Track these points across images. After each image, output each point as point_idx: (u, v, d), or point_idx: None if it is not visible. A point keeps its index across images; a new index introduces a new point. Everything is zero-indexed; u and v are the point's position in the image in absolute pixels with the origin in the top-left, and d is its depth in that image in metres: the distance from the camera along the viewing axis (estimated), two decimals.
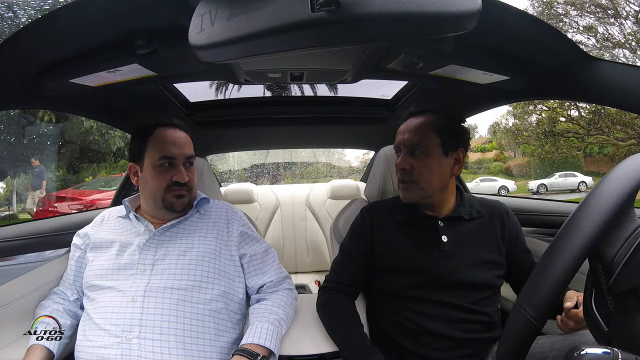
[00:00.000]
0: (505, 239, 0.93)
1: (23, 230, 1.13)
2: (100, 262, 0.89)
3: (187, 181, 0.92)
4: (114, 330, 0.78)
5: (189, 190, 0.93)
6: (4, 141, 8.54)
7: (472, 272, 0.86)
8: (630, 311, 0.42)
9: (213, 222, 0.97)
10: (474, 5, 0.48)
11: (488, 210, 0.95)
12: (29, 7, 6.63)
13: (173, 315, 0.80)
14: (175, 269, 0.86)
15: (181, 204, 0.93)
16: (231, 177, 5.89)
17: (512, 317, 0.46)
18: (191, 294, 0.84)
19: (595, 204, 0.44)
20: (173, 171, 0.91)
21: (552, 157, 12.80)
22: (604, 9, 10.05)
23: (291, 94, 1.53)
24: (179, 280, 0.84)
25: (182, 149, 0.93)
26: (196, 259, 0.87)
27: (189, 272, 0.85)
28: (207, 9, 0.50)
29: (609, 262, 0.43)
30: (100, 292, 0.85)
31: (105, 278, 0.86)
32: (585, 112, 11.45)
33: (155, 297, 0.81)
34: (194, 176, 0.96)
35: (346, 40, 0.50)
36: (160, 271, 0.85)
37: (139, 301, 0.81)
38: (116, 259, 0.88)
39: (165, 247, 0.89)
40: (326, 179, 5.80)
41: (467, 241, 0.89)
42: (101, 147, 9.66)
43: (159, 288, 0.83)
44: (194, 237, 0.92)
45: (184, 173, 0.91)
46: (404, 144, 0.92)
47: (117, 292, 0.83)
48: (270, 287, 0.95)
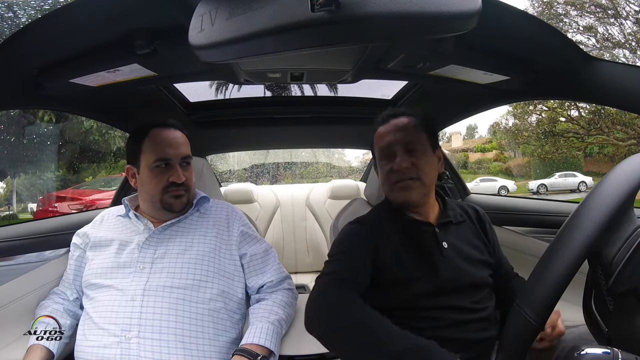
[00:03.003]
0: (489, 240, 0.95)
1: (23, 230, 1.13)
2: (99, 260, 0.89)
3: (185, 181, 0.91)
4: (113, 329, 0.78)
5: (187, 189, 0.93)
6: (4, 141, 8.54)
7: (472, 273, 0.87)
8: (630, 311, 0.42)
9: (213, 221, 0.96)
10: (474, 5, 0.48)
11: (467, 213, 0.97)
12: (29, 7, 6.62)
13: (172, 314, 0.80)
14: (175, 267, 0.85)
15: (180, 204, 0.92)
16: (231, 177, 5.89)
17: (512, 318, 0.46)
18: (190, 292, 0.83)
19: (595, 204, 0.44)
20: (169, 172, 0.90)
21: (552, 157, 12.81)
22: (604, 9, 10.05)
23: (291, 94, 1.53)
24: (179, 279, 0.84)
25: (178, 149, 0.92)
26: (195, 258, 0.87)
27: (188, 271, 0.85)
28: (207, 9, 0.50)
29: (609, 263, 0.43)
30: (100, 290, 0.85)
31: (104, 276, 0.86)
32: (585, 112, 11.46)
33: (154, 296, 0.81)
34: (191, 175, 0.95)
35: (346, 40, 0.50)
36: (160, 269, 0.85)
37: (138, 300, 0.81)
38: (115, 257, 0.88)
39: (165, 246, 0.89)
40: (326, 179, 5.79)
41: (462, 244, 0.90)
42: (101, 147, 9.66)
43: (158, 287, 0.82)
44: (194, 236, 0.91)
45: (181, 173, 0.91)
46: (398, 143, 0.89)
47: (116, 291, 0.83)
48: (271, 287, 0.95)
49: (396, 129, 0.90)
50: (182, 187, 0.91)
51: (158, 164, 0.90)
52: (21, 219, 8.66)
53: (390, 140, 0.90)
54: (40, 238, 1.13)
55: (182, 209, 0.94)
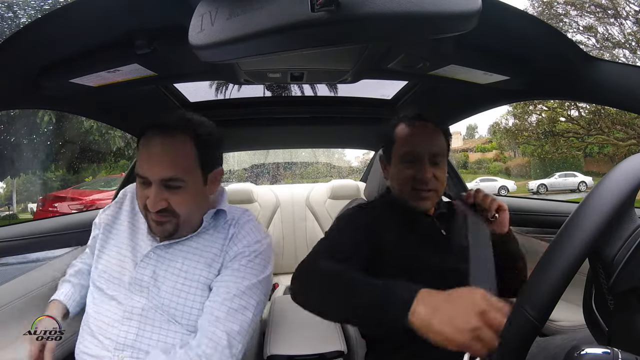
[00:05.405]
0: None
1: (23, 230, 1.13)
2: (106, 260, 0.83)
3: (167, 207, 0.73)
4: (106, 344, 0.74)
5: (173, 215, 0.75)
6: (4, 141, 8.54)
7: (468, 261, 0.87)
8: (630, 311, 0.42)
9: (222, 241, 0.81)
10: (474, 5, 0.48)
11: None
12: (29, 7, 6.63)
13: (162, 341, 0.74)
14: (172, 294, 0.76)
15: (162, 232, 0.76)
16: (231, 177, 5.89)
17: (512, 317, 0.46)
18: (181, 321, 0.76)
19: (595, 204, 0.44)
20: (148, 192, 0.73)
21: (552, 157, 12.83)
22: (604, 9, 10.05)
23: (291, 94, 1.53)
24: (174, 308, 0.76)
25: (154, 169, 0.73)
26: (196, 288, 0.77)
27: (185, 302, 0.76)
28: (207, 9, 0.50)
29: (609, 262, 0.43)
30: (102, 296, 0.81)
31: (108, 283, 0.81)
32: (585, 112, 11.47)
33: (152, 319, 0.75)
34: (182, 199, 0.74)
35: (346, 40, 0.50)
36: (157, 291, 0.76)
37: (135, 320, 0.75)
38: (121, 261, 0.81)
39: (167, 265, 0.78)
40: (326, 179, 5.80)
41: (455, 233, 0.91)
42: (101, 147, 9.66)
43: (157, 309, 0.76)
44: (198, 262, 0.78)
45: (155, 199, 0.72)
46: (425, 153, 0.87)
47: (117, 304, 0.77)
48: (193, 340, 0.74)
49: (425, 135, 0.89)
50: (163, 214, 0.74)
51: (141, 181, 0.75)
52: (21, 219, 8.66)
53: (417, 146, 0.89)
54: (40, 238, 1.13)
55: (167, 236, 0.77)
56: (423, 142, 0.89)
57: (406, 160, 0.89)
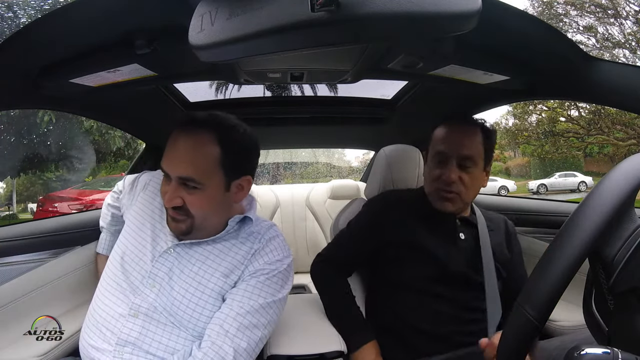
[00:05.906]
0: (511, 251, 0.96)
1: (23, 230, 1.13)
2: (127, 241, 0.81)
3: (182, 205, 0.72)
4: (108, 337, 0.73)
5: (187, 215, 0.73)
6: (4, 141, 8.54)
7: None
8: (630, 311, 0.42)
9: (244, 253, 0.78)
10: (473, 5, 0.48)
11: (495, 224, 0.98)
12: (29, 7, 6.64)
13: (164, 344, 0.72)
14: (184, 297, 0.74)
15: (176, 229, 0.75)
16: None
17: (512, 317, 0.46)
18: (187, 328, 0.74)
19: (595, 204, 0.44)
20: (167, 187, 0.73)
21: (552, 157, 12.81)
22: (604, 9, 10.05)
23: (291, 94, 1.53)
24: (183, 312, 0.74)
25: (174, 166, 0.72)
26: (209, 296, 0.74)
27: (195, 307, 0.74)
28: (207, 9, 0.50)
29: (609, 262, 0.43)
30: (116, 279, 0.78)
31: (125, 266, 0.78)
32: (585, 112, 11.45)
33: (157, 320, 0.73)
34: (197, 201, 0.72)
35: (346, 40, 0.50)
36: (169, 291, 0.74)
37: (141, 319, 0.73)
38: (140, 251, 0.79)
39: (184, 266, 0.76)
40: (326, 179, 5.79)
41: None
42: (101, 147, 9.66)
43: (164, 309, 0.73)
44: (217, 269, 0.76)
45: (170, 195, 0.72)
46: (454, 155, 0.88)
47: (124, 297, 0.75)
48: None
49: (458, 138, 0.90)
50: (178, 211, 0.73)
51: (164, 174, 0.75)
52: (21, 219, 8.66)
53: (447, 148, 0.89)
54: (40, 238, 1.13)
55: (183, 234, 0.76)
56: (453, 144, 0.89)
57: (436, 160, 0.92)
